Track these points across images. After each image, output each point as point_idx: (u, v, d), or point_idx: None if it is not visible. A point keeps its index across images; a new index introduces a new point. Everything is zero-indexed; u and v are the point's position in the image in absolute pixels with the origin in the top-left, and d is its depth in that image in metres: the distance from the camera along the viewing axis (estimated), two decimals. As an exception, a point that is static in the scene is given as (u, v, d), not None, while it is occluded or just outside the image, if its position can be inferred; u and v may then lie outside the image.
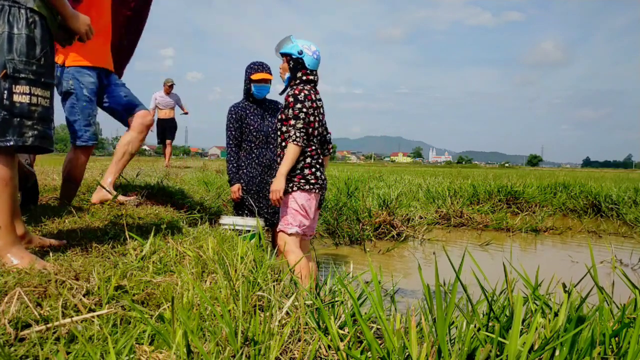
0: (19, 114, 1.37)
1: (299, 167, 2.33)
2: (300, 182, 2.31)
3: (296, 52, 2.40)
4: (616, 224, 5.70)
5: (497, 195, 6.69)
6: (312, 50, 2.43)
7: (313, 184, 2.32)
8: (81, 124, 2.69)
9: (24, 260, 1.38)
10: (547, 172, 30.29)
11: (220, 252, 1.64)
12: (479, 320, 1.08)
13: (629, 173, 40.69)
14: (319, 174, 2.37)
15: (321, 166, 2.44)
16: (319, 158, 2.42)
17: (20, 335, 0.98)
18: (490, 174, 13.13)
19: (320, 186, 2.37)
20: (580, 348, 0.95)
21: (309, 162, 2.34)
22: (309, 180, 2.32)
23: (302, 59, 2.41)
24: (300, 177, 2.32)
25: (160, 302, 1.25)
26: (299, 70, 2.42)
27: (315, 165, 2.37)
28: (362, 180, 9.15)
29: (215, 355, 0.96)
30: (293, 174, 2.33)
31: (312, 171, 2.34)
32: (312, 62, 2.43)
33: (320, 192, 2.40)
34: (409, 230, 4.42)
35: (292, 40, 2.43)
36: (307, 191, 2.32)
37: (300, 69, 2.42)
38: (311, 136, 2.37)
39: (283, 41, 2.47)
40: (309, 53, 2.41)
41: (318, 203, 2.43)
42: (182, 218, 2.59)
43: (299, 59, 2.41)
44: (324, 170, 2.49)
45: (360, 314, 1.10)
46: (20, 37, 1.37)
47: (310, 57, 2.42)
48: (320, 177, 2.37)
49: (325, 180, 2.44)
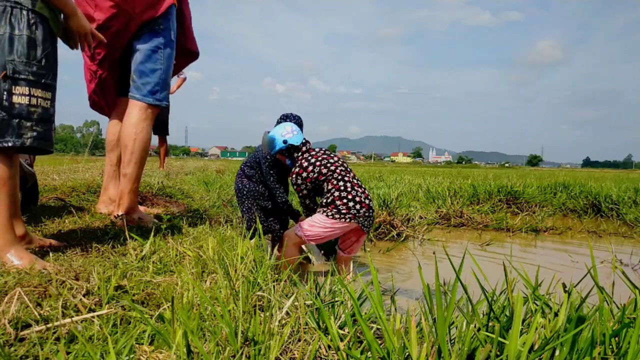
0: (17, 115, 1.37)
1: (330, 201, 2.66)
2: (333, 211, 2.64)
3: (282, 144, 2.80)
4: (616, 224, 5.70)
5: (497, 195, 6.68)
6: (291, 130, 2.81)
7: (344, 214, 2.63)
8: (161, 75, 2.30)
9: (24, 260, 1.38)
10: (547, 172, 30.28)
11: (220, 252, 1.64)
12: (479, 320, 1.07)
13: (629, 173, 40.70)
14: (351, 204, 2.65)
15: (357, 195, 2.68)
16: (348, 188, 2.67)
17: (20, 335, 0.98)
18: (490, 174, 13.13)
19: (353, 215, 2.64)
20: (580, 348, 0.95)
21: (337, 195, 2.65)
22: (341, 210, 2.64)
23: (291, 144, 2.80)
24: (333, 206, 2.66)
25: (160, 302, 1.25)
26: (293, 152, 2.82)
27: (347, 196, 2.65)
28: (362, 180, 9.15)
29: (215, 355, 0.96)
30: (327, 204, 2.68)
31: (344, 202, 2.65)
32: (297, 139, 2.81)
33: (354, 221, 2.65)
34: (409, 230, 4.41)
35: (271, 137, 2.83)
36: (337, 219, 2.63)
37: (294, 150, 2.82)
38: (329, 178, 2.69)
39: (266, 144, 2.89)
40: (290, 135, 2.80)
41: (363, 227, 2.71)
42: (182, 218, 2.59)
43: (289, 146, 2.80)
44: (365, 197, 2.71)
45: (360, 314, 1.10)
46: (21, 38, 1.37)
47: (293, 137, 2.80)
48: (353, 207, 2.64)
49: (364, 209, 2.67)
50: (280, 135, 2.80)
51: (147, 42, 2.26)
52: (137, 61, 2.28)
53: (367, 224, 2.72)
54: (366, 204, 2.68)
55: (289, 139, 2.78)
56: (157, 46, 2.29)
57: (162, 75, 2.31)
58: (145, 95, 2.28)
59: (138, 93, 2.28)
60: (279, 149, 2.81)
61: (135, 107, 2.29)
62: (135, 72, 2.28)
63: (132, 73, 2.30)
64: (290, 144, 2.79)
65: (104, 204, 2.56)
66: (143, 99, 2.28)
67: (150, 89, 2.28)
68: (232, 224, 3.06)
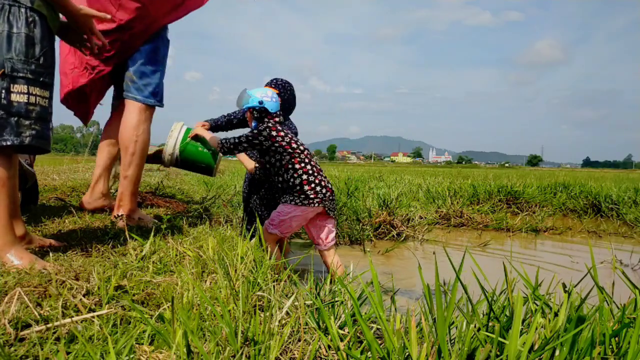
0: (16, 113, 1.37)
1: (298, 184, 2.57)
2: (300, 197, 2.55)
3: (257, 103, 2.71)
4: (616, 224, 5.70)
5: (497, 195, 6.68)
6: (270, 96, 2.74)
7: (312, 199, 2.55)
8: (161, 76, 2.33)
9: (24, 260, 1.38)
10: (547, 172, 30.28)
11: (220, 252, 1.64)
12: (479, 320, 1.07)
13: (629, 173, 40.70)
14: (319, 188, 2.59)
15: (322, 179, 2.63)
16: (315, 173, 2.62)
17: (20, 335, 0.98)
18: (490, 174, 13.13)
19: (320, 199, 2.58)
20: (580, 348, 0.95)
21: (305, 179, 2.57)
22: (309, 195, 2.56)
23: (264, 107, 2.71)
24: (300, 192, 2.56)
25: (160, 302, 1.25)
26: (264, 117, 2.72)
27: (315, 180, 2.59)
28: (362, 180, 9.15)
29: (215, 355, 0.96)
30: (294, 190, 2.58)
31: (312, 187, 2.57)
32: (273, 105, 2.73)
33: (321, 205, 2.59)
34: (409, 230, 4.41)
35: (249, 94, 2.75)
36: (306, 205, 2.55)
37: (265, 115, 2.72)
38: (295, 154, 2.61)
39: (241, 98, 2.78)
40: (268, 99, 2.72)
41: (328, 210, 2.66)
42: (182, 218, 2.59)
43: (262, 108, 2.71)
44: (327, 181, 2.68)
45: (360, 314, 1.10)
46: (19, 36, 1.37)
47: (270, 102, 2.72)
48: (320, 191, 2.59)
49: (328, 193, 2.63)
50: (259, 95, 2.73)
51: (148, 42, 2.25)
52: (138, 61, 2.25)
53: (332, 207, 2.69)
54: (330, 188, 2.67)
55: (266, 102, 2.71)
56: (157, 46, 2.29)
57: (161, 76, 2.32)
58: (147, 97, 2.27)
59: (139, 94, 2.27)
60: (252, 106, 2.72)
61: (134, 108, 2.27)
62: (136, 72, 2.26)
63: (132, 74, 2.26)
64: (264, 107, 2.70)
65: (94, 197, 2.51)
66: (145, 100, 2.27)
67: (152, 90, 2.28)
68: (232, 224, 3.06)
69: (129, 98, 2.28)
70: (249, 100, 2.72)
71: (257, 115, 2.72)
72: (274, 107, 2.73)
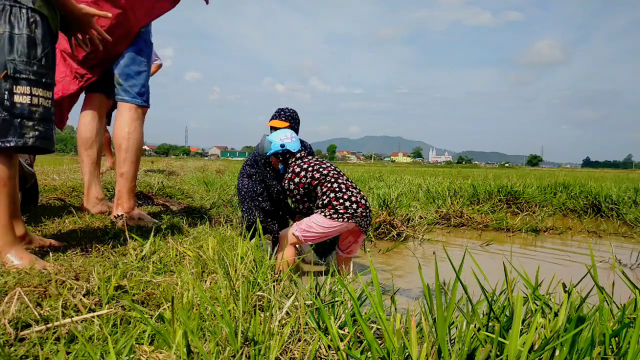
0: (19, 114, 1.37)
1: (327, 202, 2.68)
2: (330, 212, 2.66)
3: (279, 147, 2.84)
4: (616, 224, 5.69)
5: (497, 195, 6.68)
6: (290, 137, 2.86)
7: (342, 214, 2.65)
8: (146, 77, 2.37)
9: (24, 260, 1.38)
10: (547, 172, 30.28)
11: (220, 252, 1.64)
12: (479, 320, 1.07)
13: (629, 173, 40.70)
14: (348, 203, 2.68)
15: (352, 195, 2.71)
16: (344, 189, 2.71)
17: (20, 335, 0.98)
18: (490, 174, 13.13)
19: (351, 215, 2.66)
20: (580, 348, 0.95)
21: (333, 196, 2.68)
22: (338, 210, 2.64)
23: (287, 149, 2.84)
24: (330, 207, 2.67)
25: (160, 302, 1.25)
26: (289, 158, 2.86)
27: (343, 196, 2.69)
28: (362, 180, 9.15)
29: (215, 355, 0.96)
30: (324, 205, 2.66)
31: (340, 202, 2.67)
32: (294, 145, 2.85)
33: (351, 220, 2.67)
34: (409, 230, 4.41)
35: (269, 140, 2.89)
36: (334, 219, 2.65)
37: (289, 156, 2.86)
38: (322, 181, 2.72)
39: (264, 145, 2.97)
40: (289, 141, 2.85)
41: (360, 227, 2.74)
42: (182, 218, 2.59)
43: (285, 151, 2.85)
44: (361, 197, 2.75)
45: (361, 314, 1.10)
46: (21, 38, 1.37)
47: (291, 143, 2.85)
48: (350, 206, 2.67)
49: (360, 209, 2.69)
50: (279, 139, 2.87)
51: (131, 45, 2.30)
52: (122, 64, 2.33)
53: (365, 223, 2.74)
54: (362, 204, 2.70)
55: (287, 143, 2.84)
56: (140, 48, 2.37)
57: (146, 77, 2.40)
58: (134, 97, 2.35)
59: (127, 95, 2.34)
60: (275, 151, 2.86)
61: (125, 108, 2.34)
62: (122, 75, 2.33)
63: (118, 76, 2.34)
64: (286, 149, 2.84)
65: (92, 204, 2.55)
66: (133, 101, 2.34)
67: (138, 90, 2.36)
68: (232, 224, 3.06)
69: (119, 100, 2.36)
70: (271, 146, 2.87)
71: (282, 158, 2.87)
72: (296, 147, 2.86)
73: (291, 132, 2.92)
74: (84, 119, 2.53)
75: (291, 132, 2.91)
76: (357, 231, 2.80)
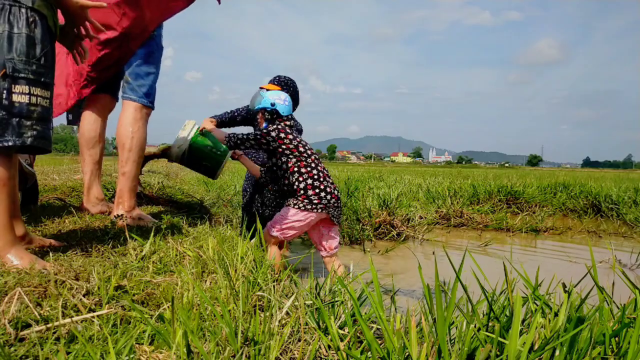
0: (17, 113, 1.37)
1: (302, 188, 2.57)
2: (304, 202, 2.56)
3: (269, 104, 2.73)
4: (616, 224, 5.69)
5: (497, 195, 6.68)
6: (283, 99, 2.75)
7: (316, 204, 2.55)
8: (154, 79, 2.39)
9: (24, 260, 1.38)
10: (547, 172, 30.27)
11: (220, 252, 1.64)
12: (479, 320, 1.08)
13: (629, 173, 40.69)
14: (323, 194, 2.58)
15: (328, 185, 2.62)
16: (321, 178, 2.61)
17: (20, 335, 0.98)
18: (490, 174, 13.13)
19: (324, 205, 2.57)
20: (580, 348, 0.95)
21: (310, 183, 2.57)
22: (312, 200, 2.56)
23: (276, 109, 2.73)
24: (304, 197, 2.56)
25: (160, 302, 1.25)
26: (275, 119, 2.73)
27: (319, 186, 2.59)
28: (362, 180, 9.15)
29: (215, 355, 0.96)
30: (298, 194, 2.58)
31: (316, 192, 2.57)
32: (285, 108, 2.74)
33: (325, 211, 2.59)
34: (409, 230, 4.41)
35: (262, 95, 2.76)
36: (309, 210, 2.55)
37: (276, 117, 2.73)
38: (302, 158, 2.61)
39: (255, 98, 2.79)
40: (281, 102, 2.74)
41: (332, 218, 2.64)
42: (182, 218, 2.59)
43: (273, 110, 2.73)
44: (334, 188, 2.66)
45: (361, 314, 1.10)
46: (20, 37, 1.37)
47: (282, 105, 2.74)
48: (324, 197, 2.58)
49: (333, 199, 2.62)
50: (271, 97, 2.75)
51: (143, 45, 2.30)
52: (134, 63, 2.34)
53: (337, 214, 2.68)
54: (335, 195, 2.65)
55: (278, 104, 2.73)
56: (152, 50, 2.38)
57: (155, 79, 2.41)
58: (141, 97, 2.36)
59: (134, 94, 2.34)
60: (263, 107, 2.74)
61: (130, 107, 2.34)
62: (131, 74, 2.34)
63: (127, 74, 2.35)
64: (275, 109, 2.72)
65: (92, 204, 2.55)
66: (139, 100, 2.35)
67: (145, 91, 2.37)
68: (232, 224, 3.06)
69: (125, 98, 2.36)
70: (261, 101, 2.74)
71: (268, 117, 2.75)
72: (286, 110, 2.75)
73: (286, 95, 2.80)
74: (87, 119, 2.53)
75: (286, 95, 2.79)
76: (329, 221, 2.70)
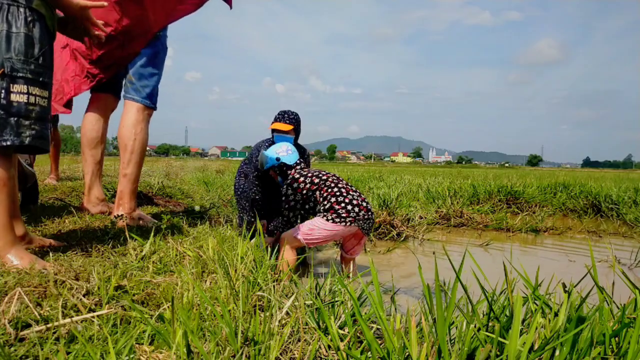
0: (16, 113, 1.36)
1: (329, 207, 2.67)
2: (332, 215, 2.64)
3: (275, 161, 2.85)
4: (616, 224, 5.69)
5: (497, 195, 6.68)
6: (285, 150, 2.86)
7: (344, 217, 2.63)
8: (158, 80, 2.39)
9: (24, 260, 1.38)
10: (547, 172, 30.29)
11: (220, 252, 1.64)
12: (479, 320, 1.07)
13: (629, 173, 40.71)
14: (350, 207, 2.65)
15: (354, 198, 2.69)
16: (344, 192, 2.70)
17: (20, 335, 0.98)
18: (490, 174, 13.13)
19: (353, 218, 2.64)
20: (580, 348, 0.95)
21: (335, 200, 2.67)
22: (340, 214, 2.64)
23: (284, 163, 2.85)
24: (332, 211, 2.65)
25: (160, 302, 1.25)
26: (286, 171, 2.86)
27: (344, 200, 2.67)
28: (362, 180, 9.15)
29: (215, 355, 0.96)
30: (326, 210, 2.68)
31: (342, 206, 2.66)
32: (291, 158, 2.88)
33: (355, 224, 2.65)
34: (409, 230, 4.41)
35: (265, 154, 2.88)
36: (337, 223, 2.63)
37: (286, 169, 2.86)
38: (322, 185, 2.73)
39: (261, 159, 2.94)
40: (284, 154, 2.85)
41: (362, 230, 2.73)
42: (182, 218, 2.59)
43: (281, 164, 2.85)
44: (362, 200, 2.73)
45: (361, 314, 1.10)
46: (18, 36, 1.36)
47: (287, 156, 2.85)
48: (352, 210, 2.65)
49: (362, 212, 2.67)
50: (274, 153, 2.86)
51: (148, 46, 2.29)
52: (138, 64, 2.32)
53: (367, 226, 2.73)
54: (364, 207, 2.69)
55: (282, 157, 2.84)
56: (157, 51, 2.35)
57: (158, 80, 2.39)
58: (145, 98, 2.34)
59: (137, 95, 2.32)
60: (271, 165, 2.86)
61: (133, 107, 2.32)
62: (135, 74, 2.32)
63: (131, 74, 2.33)
64: (282, 162, 2.84)
65: (92, 204, 2.54)
66: (142, 101, 2.33)
67: (149, 92, 2.35)
68: (232, 224, 3.07)
69: (127, 98, 2.34)
70: (267, 160, 2.86)
71: (279, 172, 2.87)
72: (292, 159, 2.85)
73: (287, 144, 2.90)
74: (90, 119, 2.52)
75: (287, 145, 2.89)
76: (360, 234, 2.80)
